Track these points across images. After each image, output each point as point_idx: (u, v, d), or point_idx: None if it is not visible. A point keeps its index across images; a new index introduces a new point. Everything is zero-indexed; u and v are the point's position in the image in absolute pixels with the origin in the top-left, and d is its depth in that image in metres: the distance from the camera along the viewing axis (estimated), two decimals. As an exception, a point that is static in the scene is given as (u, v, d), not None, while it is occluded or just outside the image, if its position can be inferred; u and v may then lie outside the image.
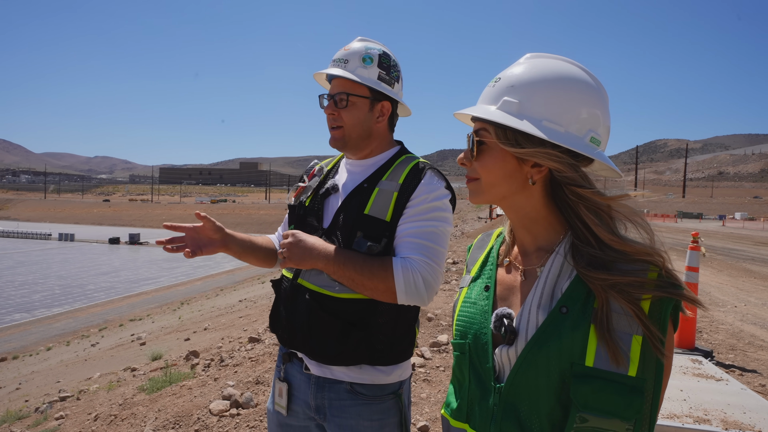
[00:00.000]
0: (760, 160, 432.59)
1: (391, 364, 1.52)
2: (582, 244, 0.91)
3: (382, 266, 1.41)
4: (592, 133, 0.94)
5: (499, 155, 0.96)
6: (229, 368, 5.15)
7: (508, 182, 0.97)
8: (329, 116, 1.58)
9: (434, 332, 5.67)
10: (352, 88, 1.55)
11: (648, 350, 0.83)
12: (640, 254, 0.88)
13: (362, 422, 1.49)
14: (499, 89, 0.97)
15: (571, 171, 0.92)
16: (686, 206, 71.77)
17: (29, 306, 23.71)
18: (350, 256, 1.43)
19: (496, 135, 0.95)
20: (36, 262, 38.70)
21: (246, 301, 15.28)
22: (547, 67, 0.95)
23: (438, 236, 1.48)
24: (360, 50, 1.56)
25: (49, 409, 5.71)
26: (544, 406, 0.88)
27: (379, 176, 1.56)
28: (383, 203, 1.50)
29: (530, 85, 0.94)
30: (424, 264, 1.43)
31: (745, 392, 3.26)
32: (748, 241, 23.27)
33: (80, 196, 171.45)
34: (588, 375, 0.84)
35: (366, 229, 1.48)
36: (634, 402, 0.82)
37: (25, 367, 13.10)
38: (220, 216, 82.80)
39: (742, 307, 8.10)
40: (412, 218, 1.48)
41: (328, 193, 1.61)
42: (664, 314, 0.85)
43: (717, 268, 13.04)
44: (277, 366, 1.69)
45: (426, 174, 1.52)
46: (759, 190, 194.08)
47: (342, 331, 1.46)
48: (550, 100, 0.93)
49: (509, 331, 0.92)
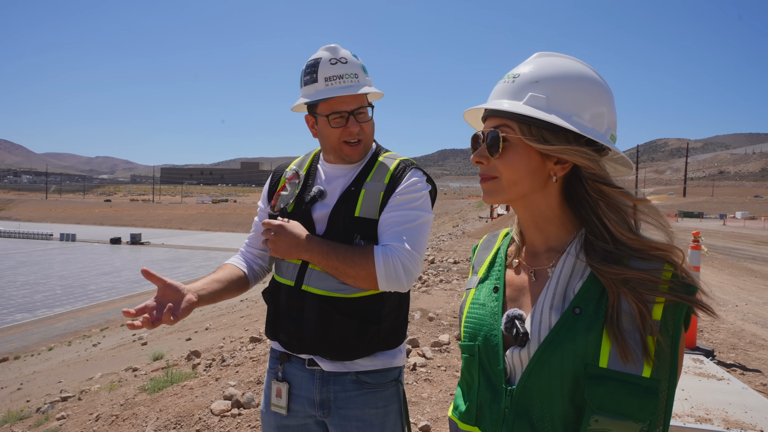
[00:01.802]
0: (760, 159, 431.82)
1: (395, 346, 1.61)
2: (597, 240, 0.91)
3: (364, 254, 1.46)
4: (610, 130, 0.95)
5: (524, 152, 0.94)
6: (231, 368, 5.15)
7: (531, 180, 0.95)
8: (356, 132, 1.56)
9: (435, 332, 5.67)
10: (365, 100, 1.59)
11: (662, 351, 0.83)
12: (656, 250, 0.87)
13: (368, 410, 1.53)
14: (521, 84, 0.95)
15: (598, 168, 0.91)
16: (687, 205, 71.70)
17: (31, 306, 23.74)
18: (333, 246, 1.48)
19: (520, 131, 0.93)
20: (37, 262, 38.73)
21: (247, 301, 15.28)
22: (566, 65, 0.96)
23: (418, 224, 1.53)
24: (357, 61, 1.59)
25: (51, 410, 5.72)
26: (557, 408, 0.87)
27: (363, 177, 1.60)
28: (371, 203, 1.54)
29: (555, 81, 0.93)
30: (404, 251, 1.47)
31: (746, 391, 3.26)
32: (749, 240, 23.24)
33: (81, 197, 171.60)
34: (602, 376, 0.83)
35: (361, 230, 1.52)
36: (649, 403, 0.81)
37: (26, 367, 13.12)
38: (221, 216, 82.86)
39: (743, 307, 8.10)
40: (394, 208, 1.54)
41: (314, 199, 1.60)
42: (678, 320, 0.84)
43: (718, 267, 13.03)
44: (270, 368, 1.68)
45: (410, 172, 1.59)
46: (760, 189, 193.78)
47: (359, 328, 1.51)
48: (576, 96, 0.93)
49: (521, 333, 0.91)
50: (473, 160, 1.00)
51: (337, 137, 1.57)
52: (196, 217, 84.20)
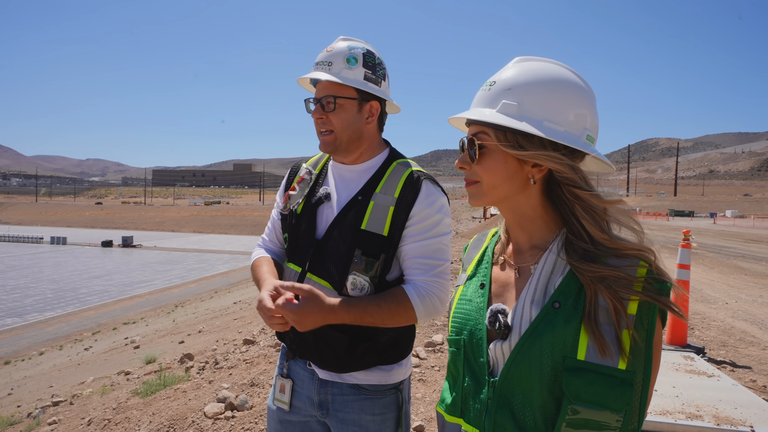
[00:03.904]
0: (749, 158, 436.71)
1: (396, 362, 1.56)
2: (576, 239, 0.94)
3: (399, 302, 1.43)
4: (587, 131, 0.97)
5: (501, 157, 0.98)
6: (224, 371, 5.13)
7: (510, 183, 0.99)
8: (317, 120, 1.53)
9: (429, 332, 5.69)
10: (339, 90, 1.51)
11: (636, 344, 0.86)
12: (630, 249, 0.91)
13: (365, 416, 1.52)
14: (495, 92, 0.98)
15: (570, 172, 0.94)
16: (678, 204, 72.38)
17: (21, 310, 23.50)
18: (363, 305, 1.40)
19: (496, 137, 0.97)
20: (28, 266, 38.36)
21: (241, 303, 15.22)
22: (541, 70, 0.98)
23: (443, 251, 1.51)
24: (343, 51, 1.52)
25: (42, 415, 5.67)
26: (537, 398, 0.91)
27: (372, 186, 1.53)
28: (380, 217, 1.48)
29: (527, 87, 0.96)
30: (436, 284, 1.47)
31: (736, 388, 3.30)
32: (738, 239, 23.49)
33: (72, 199, 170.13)
34: (580, 368, 0.86)
35: (364, 246, 1.47)
36: (624, 394, 0.84)
37: (17, 372, 12.99)
38: (214, 218, 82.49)
39: (733, 304, 8.18)
40: (416, 237, 1.48)
41: (320, 201, 1.57)
42: (652, 316, 0.87)
43: (708, 266, 13.15)
44: (279, 363, 1.69)
45: (422, 186, 1.51)
46: (749, 188, 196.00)
47: (349, 344, 1.48)
48: (548, 101, 0.95)
49: (503, 326, 0.95)
50: (457, 166, 1.04)
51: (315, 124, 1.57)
52: (189, 219, 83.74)
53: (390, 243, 1.47)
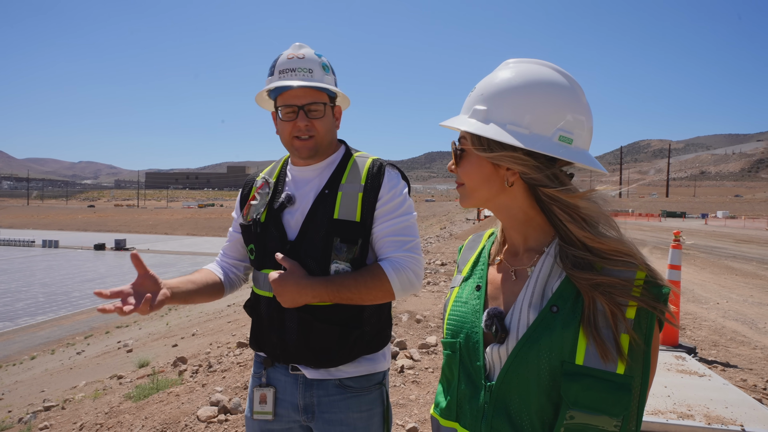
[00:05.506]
0: (740, 160, 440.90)
1: (379, 349, 1.62)
2: (567, 246, 0.93)
3: (375, 276, 1.48)
4: (561, 131, 0.94)
5: (476, 161, 1.00)
6: (218, 374, 5.11)
7: (487, 186, 1.01)
8: (303, 127, 1.55)
9: (423, 334, 5.69)
10: (320, 96, 1.57)
11: (634, 349, 0.86)
12: (619, 254, 0.90)
13: (351, 414, 1.54)
14: (472, 99, 1.01)
15: (534, 172, 0.94)
16: (670, 205, 72.88)
17: (12, 314, 23.24)
18: (340, 280, 1.46)
19: (471, 142, 1.00)
20: (19, 269, 37.96)
21: (234, 306, 15.14)
22: (515, 73, 0.98)
23: (412, 228, 1.59)
24: (315, 58, 1.59)
25: (33, 420, 5.61)
26: (535, 403, 0.90)
27: (337, 179, 1.59)
28: (350, 205, 1.54)
29: (497, 92, 0.97)
30: (410, 258, 1.53)
31: (727, 387, 3.33)
32: (729, 239, 23.69)
33: (64, 202, 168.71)
34: (578, 373, 0.86)
35: (341, 233, 1.52)
36: (623, 399, 0.84)
37: (8, 376, 12.84)
38: (207, 221, 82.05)
39: (724, 304, 8.25)
40: (387, 217, 1.55)
41: (283, 206, 1.58)
42: (651, 320, 0.87)
43: (700, 266, 13.26)
44: (254, 373, 1.68)
45: (386, 171, 1.60)
46: (740, 189, 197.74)
47: (341, 334, 1.52)
48: (515, 104, 0.95)
49: (500, 330, 0.94)
50: (448, 169, 1.07)
51: (288, 131, 1.57)
52: (182, 221, 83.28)
53: (364, 227, 1.53)
